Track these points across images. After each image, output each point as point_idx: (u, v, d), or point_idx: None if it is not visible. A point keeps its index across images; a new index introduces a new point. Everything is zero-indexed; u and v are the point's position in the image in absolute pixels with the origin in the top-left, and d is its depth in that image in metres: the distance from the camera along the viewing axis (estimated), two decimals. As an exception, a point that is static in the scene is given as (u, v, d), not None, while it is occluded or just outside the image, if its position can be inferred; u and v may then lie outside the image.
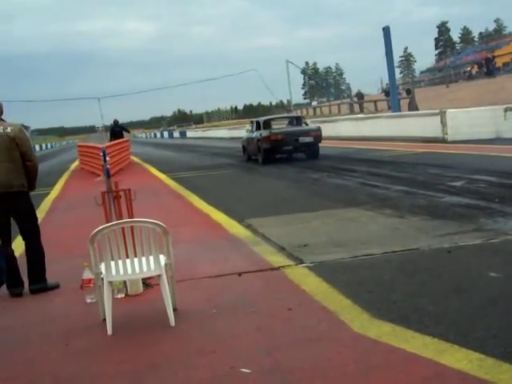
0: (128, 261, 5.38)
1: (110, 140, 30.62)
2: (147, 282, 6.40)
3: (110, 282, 5.44)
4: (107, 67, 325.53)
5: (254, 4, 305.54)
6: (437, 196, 11.22)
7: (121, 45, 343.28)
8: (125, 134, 32.83)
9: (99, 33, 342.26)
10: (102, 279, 5.42)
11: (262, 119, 25.20)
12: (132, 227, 5.40)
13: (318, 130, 23.44)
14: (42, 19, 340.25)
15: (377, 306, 5.29)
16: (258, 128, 24.17)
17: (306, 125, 25.13)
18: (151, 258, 5.38)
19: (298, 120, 25.55)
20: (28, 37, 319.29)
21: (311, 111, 78.45)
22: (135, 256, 5.40)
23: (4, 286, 6.35)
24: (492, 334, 4.45)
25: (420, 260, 6.78)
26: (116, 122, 32.83)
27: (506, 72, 60.28)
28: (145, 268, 5.41)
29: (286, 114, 37.50)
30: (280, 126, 25.34)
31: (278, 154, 23.03)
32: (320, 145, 23.08)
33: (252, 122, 26.39)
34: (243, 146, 26.62)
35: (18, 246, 7.33)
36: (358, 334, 4.71)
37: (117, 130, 31.80)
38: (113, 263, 5.36)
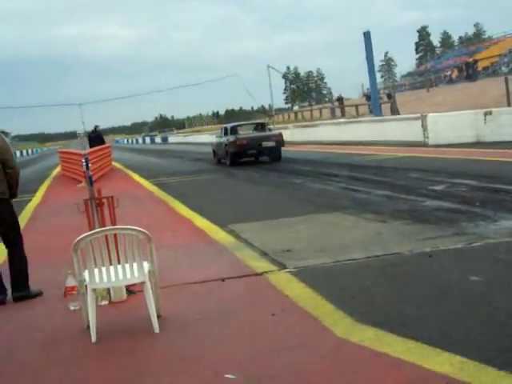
0: (111, 268, 5.39)
1: (90, 147, 30.49)
2: (131, 289, 6.40)
3: (94, 290, 5.44)
4: (88, 73, 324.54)
5: (235, 9, 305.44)
6: (418, 200, 11.30)
7: (102, 50, 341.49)
8: (106, 139, 32.75)
9: (79, 38, 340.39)
10: (86, 286, 5.42)
11: (229, 125, 27.32)
12: (115, 234, 5.41)
13: (280, 135, 25.63)
14: (22, 24, 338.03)
15: (360, 310, 5.32)
16: (226, 134, 26.16)
17: (270, 130, 27.65)
18: (135, 264, 5.38)
19: (262, 126, 28.16)
20: (8, 41, 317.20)
21: (292, 116, 78.66)
22: (119, 263, 5.41)
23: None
24: (473, 337, 4.50)
25: (402, 264, 6.83)
26: (96, 127, 32.76)
27: (486, 76, 60.77)
28: (128, 275, 5.42)
29: (251, 121, 40.56)
30: (246, 132, 27.36)
31: (244, 157, 25.22)
32: (302, 149, 23.34)
33: (221, 128, 28.59)
34: (213, 150, 28.69)
35: (1, 253, 7.30)
36: (341, 338, 4.74)
37: (93, 137, 31.67)
38: (96, 270, 5.36)
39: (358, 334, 4.76)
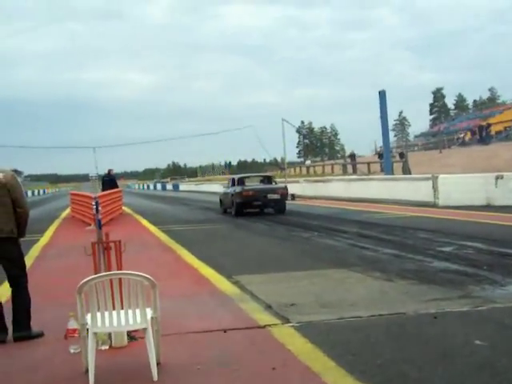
0: (114, 312, 5.37)
1: (102, 190, 30.65)
2: (132, 335, 6.37)
3: (95, 333, 5.42)
4: (104, 117, 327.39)
5: (254, 62, 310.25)
6: (426, 261, 11.26)
7: (119, 95, 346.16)
8: (118, 183, 32.94)
9: (98, 82, 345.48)
10: (87, 330, 5.40)
11: (236, 176, 28.33)
12: (120, 279, 5.41)
13: (285, 188, 26.67)
14: (43, 66, 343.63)
15: (361, 369, 5.28)
16: (233, 184, 26.90)
17: (275, 183, 28.33)
18: (138, 310, 5.38)
19: (268, 179, 29.06)
20: (28, 83, 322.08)
21: (304, 170, 78.91)
22: (122, 308, 5.40)
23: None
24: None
25: (406, 324, 6.79)
26: (110, 170, 32.97)
27: (499, 140, 61.04)
28: (131, 320, 5.40)
29: (258, 174, 41.26)
30: (252, 184, 28.23)
31: (249, 208, 25.84)
32: (311, 204, 23.44)
33: (229, 179, 29.51)
34: (220, 200, 29.33)
35: (5, 291, 7.30)
36: (341, 396, 4.69)
37: (106, 180, 31.89)
38: (99, 314, 5.35)
39: (358, 393, 4.72)
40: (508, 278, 9.21)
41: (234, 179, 27.71)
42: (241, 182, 27.12)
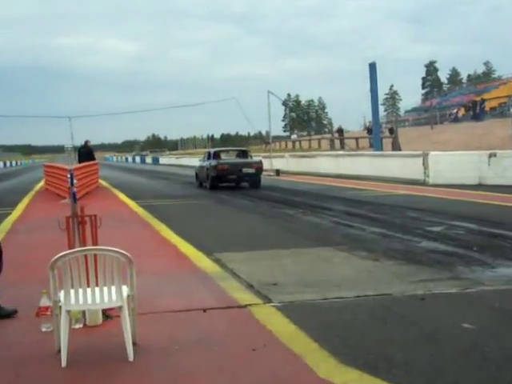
0: (89, 290, 5.36)
1: (79, 162, 30.47)
2: (107, 313, 6.36)
3: (68, 311, 5.41)
4: (82, 85, 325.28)
5: (239, 30, 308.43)
6: (414, 240, 11.32)
7: (98, 63, 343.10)
8: (95, 155, 32.75)
9: (76, 49, 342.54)
10: (60, 307, 5.39)
11: (212, 150, 29.87)
12: (95, 255, 5.39)
13: (260, 162, 27.74)
14: (17, 32, 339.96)
15: (345, 351, 5.31)
16: (209, 158, 27.90)
17: (251, 158, 29.31)
18: (113, 288, 5.36)
19: (244, 153, 30.03)
20: (1, 49, 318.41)
21: (290, 144, 78.88)
22: (97, 285, 5.38)
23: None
24: (461, 386, 4.50)
25: (392, 306, 6.83)
26: (86, 142, 32.68)
27: (493, 116, 61.21)
28: (106, 298, 5.39)
29: (234, 148, 42.56)
30: (228, 158, 29.49)
31: (224, 182, 26.82)
32: (297, 180, 23.57)
33: (205, 153, 30.79)
34: (196, 174, 30.50)
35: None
36: (322, 379, 4.72)
37: (83, 152, 31.65)
38: (72, 291, 5.34)
39: (340, 376, 4.75)
40: (498, 259, 9.28)
41: (209, 153, 28.76)
42: (216, 155, 28.10)
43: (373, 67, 37.01)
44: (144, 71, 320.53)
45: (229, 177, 26.79)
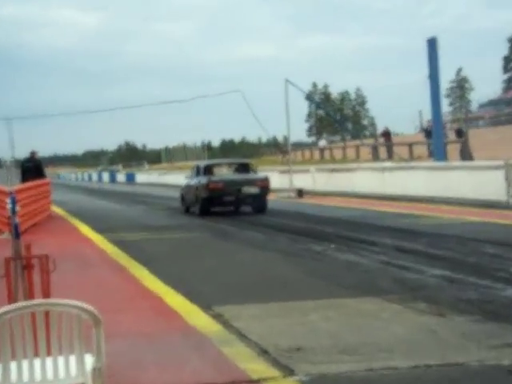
0: (37, 361, 5.32)
1: (22, 180, 30.52)
2: (64, 394, 6.33)
3: (9, 393, 5.38)
4: (26, 72, 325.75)
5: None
6: (494, 287, 11.28)
7: (47, 42, 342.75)
8: (46, 172, 32.83)
9: (18, 23, 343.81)
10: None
11: (202, 163, 30.97)
12: (47, 312, 5.36)
13: (265, 179, 28.44)
14: None
15: None
16: (198, 174, 29.09)
17: (255, 173, 30.29)
18: (72, 358, 5.32)
19: (245, 167, 30.57)
20: None
21: (317, 154, 78.98)
22: (48, 355, 5.35)
23: None
24: None
25: (465, 381, 6.78)
26: (33, 153, 32.68)
27: None
28: (61, 373, 5.35)
29: (231, 160, 42.86)
30: (223, 173, 29.44)
31: (218, 205, 27.96)
32: (327, 203, 23.57)
33: (193, 167, 31.27)
34: (181, 195, 31.32)
35: None
36: None
37: (28, 166, 31.58)
38: (14, 365, 5.29)
39: None
40: None
41: (198, 167, 29.51)
42: (208, 170, 28.88)
43: (433, 44, 36.95)
44: (113, 53, 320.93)
45: (224, 198, 27.50)
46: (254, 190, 27.17)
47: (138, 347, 8.28)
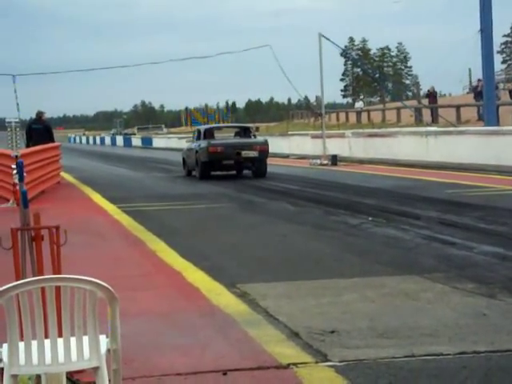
0: (47, 342, 5.34)
1: (27, 144, 30.45)
2: (75, 379, 6.37)
3: (15, 376, 5.40)
4: (31, 25, 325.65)
5: None
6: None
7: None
8: (54, 134, 32.85)
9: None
10: (3, 370, 5.38)
11: (203, 127, 33.91)
12: (58, 288, 5.38)
13: (265, 143, 31.12)
14: None
15: None
16: (199, 138, 31.69)
17: (254, 137, 32.94)
18: (85, 339, 5.35)
19: (245, 131, 33.39)
20: None
21: (353, 117, 78.68)
22: (59, 335, 5.37)
23: None
24: None
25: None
26: (39, 115, 32.51)
27: None
28: (74, 356, 5.36)
29: (232, 124, 46.61)
30: (223, 137, 32.58)
31: (218, 169, 30.62)
32: (365, 171, 23.66)
33: (194, 131, 33.75)
34: (183, 159, 34.20)
35: None
36: None
37: (36, 128, 31.29)
38: (22, 345, 5.32)
39: None
40: None
41: (199, 131, 31.89)
42: (208, 134, 31.93)
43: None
44: (129, 6, 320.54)
45: (224, 162, 30.13)
46: (253, 153, 29.23)
47: (156, 328, 8.31)
